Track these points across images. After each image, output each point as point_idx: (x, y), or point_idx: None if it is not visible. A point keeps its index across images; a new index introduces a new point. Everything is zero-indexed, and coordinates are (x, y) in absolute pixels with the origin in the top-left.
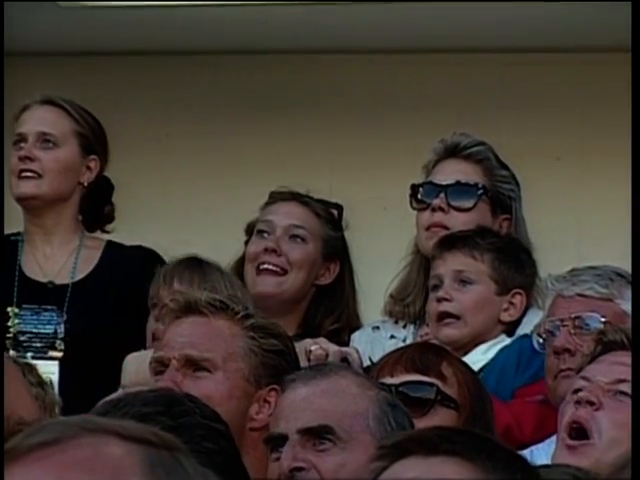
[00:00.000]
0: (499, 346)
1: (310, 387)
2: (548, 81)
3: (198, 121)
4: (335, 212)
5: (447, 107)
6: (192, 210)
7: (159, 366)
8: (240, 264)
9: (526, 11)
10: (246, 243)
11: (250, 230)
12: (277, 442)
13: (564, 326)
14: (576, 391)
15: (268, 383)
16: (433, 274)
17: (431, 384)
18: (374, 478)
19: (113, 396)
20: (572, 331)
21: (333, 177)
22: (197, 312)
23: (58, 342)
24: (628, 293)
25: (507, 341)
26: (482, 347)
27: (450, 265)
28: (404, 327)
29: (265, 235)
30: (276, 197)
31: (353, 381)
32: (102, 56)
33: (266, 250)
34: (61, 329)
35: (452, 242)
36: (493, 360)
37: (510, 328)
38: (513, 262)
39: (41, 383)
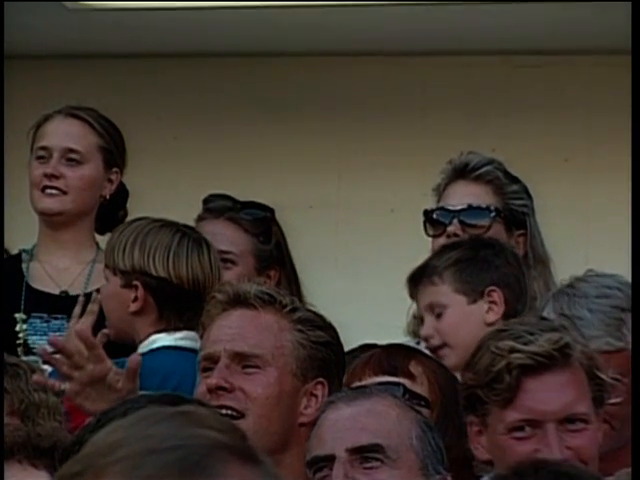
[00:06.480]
0: None
1: (354, 407)
2: (554, 83)
3: (206, 124)
4: (267, 215)
5: (454, 109)
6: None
7: (209, 363)
8: None
9: (532, 13)
10: None
11: None
12: (323, 462)
13: None
14: None
15: (315, 376)
16: (416, 314)
17: (397, 384)
18: None
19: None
20: None
21: (340, 180)
22: (246, 305)
23: None
24: None
25: None
26: None
27: (422, 301)
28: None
29: None
30: (206, 213)
31: (393, 402)
32: (108, 59)
33: None
34: None
35: (416, 277)
36: None
37: None
38: (476, 264)
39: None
